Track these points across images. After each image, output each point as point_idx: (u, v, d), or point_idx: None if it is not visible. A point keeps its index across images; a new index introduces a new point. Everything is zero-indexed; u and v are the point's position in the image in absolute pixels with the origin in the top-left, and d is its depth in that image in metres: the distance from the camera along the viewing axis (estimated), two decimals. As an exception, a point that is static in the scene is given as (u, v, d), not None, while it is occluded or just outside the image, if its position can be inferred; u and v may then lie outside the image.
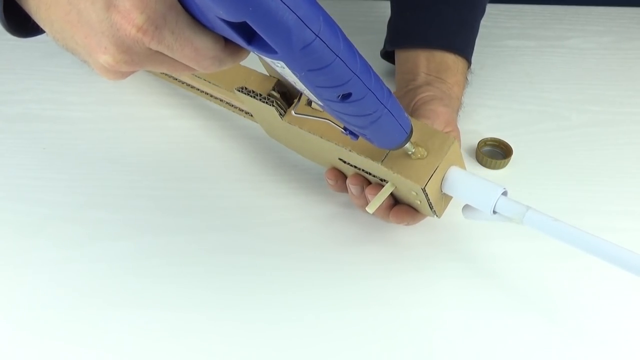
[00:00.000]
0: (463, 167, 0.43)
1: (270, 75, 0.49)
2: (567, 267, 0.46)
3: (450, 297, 0.44)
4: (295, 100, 0.45)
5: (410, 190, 0.41)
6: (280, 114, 0.44)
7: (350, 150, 0.42)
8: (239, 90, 0.46)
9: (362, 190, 0.45)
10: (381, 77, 0.33)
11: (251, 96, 0.45)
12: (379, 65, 0.64)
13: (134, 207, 0.49)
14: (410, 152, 0.40)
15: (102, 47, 0.30)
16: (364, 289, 0.44)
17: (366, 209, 0.42)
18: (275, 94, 0.48)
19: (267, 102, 0.44)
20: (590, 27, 0.76)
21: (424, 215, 0.46)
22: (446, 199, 0.44)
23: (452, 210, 0.46)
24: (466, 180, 0.41)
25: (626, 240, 0.47)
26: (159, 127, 0.57)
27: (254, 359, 0.40)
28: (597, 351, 0.41)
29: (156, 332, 0.41)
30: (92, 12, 0.29)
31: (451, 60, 0.55)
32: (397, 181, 0.41)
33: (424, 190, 0.40)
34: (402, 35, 0.59)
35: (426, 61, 0.55)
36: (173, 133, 0.57)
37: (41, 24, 0.33)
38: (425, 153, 0.40)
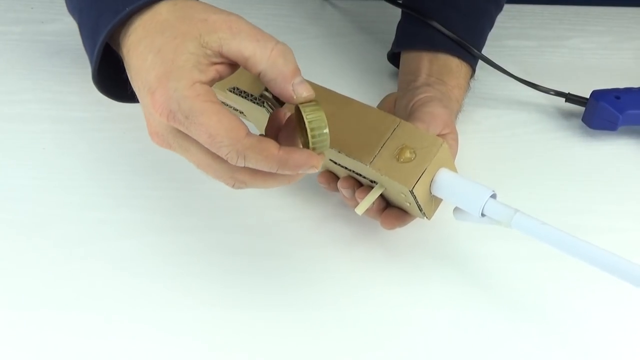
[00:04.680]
0: (454, 169, 0.43)
1: None
2: (559, 268, 0.46)
3: (444, 297, 0.44)
4: None
5: (399, 192, 0.41)
6: None
7: (339, 152, 0.42)
8: (231, 91, 0.45)
9: (354, 192, 0.45)
10: (385, 79, 0.33)
11: (242, 97, 0.45)
12: (384, 66, 0.64)
13: (134, 207, 0.49)
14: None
15: (147, 119, 0.36)
16: (359, 289, 0.44)
17: (355, 210, 0.42)
18: (267, 94, 0.47)
19: (257, 103, 0.44)
20: (590, 27, 0.76)
21: (413, 218, 0.46)
22: (436, 200, 0.44)
23: (447, 210, 0.46)
24: (455, 183, 0.41)
25: (626, 240, 0.47)
26: (159, 127, 0.57)
27: (252, 358, 0.40)
28: (591, 351, 0.41)
29: (156, 332, 0.41)
30: (142, 91, 0.35)
31: (454, 64, 0.56)
32: (385, 183, 0.41)
33: (412, 192, 0.40)
34: (409, 37, 0.59)
35: (429, 63, 0.55)
36: (173, 133, 0.57)
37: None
38: (414, 155, 0.40)
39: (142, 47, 0.35)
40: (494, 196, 0.40)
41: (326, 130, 0.35)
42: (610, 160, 0.56)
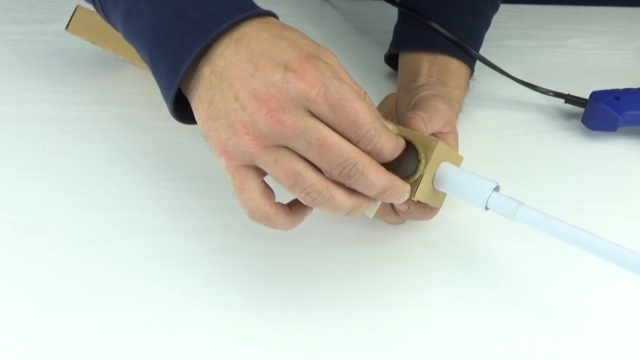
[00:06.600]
0: (457, 160, 0.43)
1: None
2: (563, 268, 0.46)
3: (447, 297, 0.44)
4: None
5: None
6: None
7: None
8: None
9: None
10: (384, 79, 0.33)
11: None
12: (383, 66, 0.64)
13: (134, 207, 0.49)
14: None
15: (264, 98, 0.34)
16: (361, 289, 0.44)
17: (365, 214, 0.42)
18: None
19: None
20: (590, 27, 0.76)
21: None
22: (443, 192, 0.44)
23: (450, 210, 0.46)
24: (456, 178, 0.41)
25: (626, 240, 0.47)
26: (159, 127, 0.57)
27: (252, 359, 0.40)
28: (594, 352, 0.41)
29: (156, 332, 0.41)
30: (270, 68, 0.34)
31: (454, 64, 0.56)
32: None
33: (414, 200, 0.40)
34: (407, 38, 0.59)
35: (429, 64, 0.56)
36: (173, 133, 0.57)
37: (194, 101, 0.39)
38: None
39: (267, 35, 0.36)
40: (497, 188, 0.40)
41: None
42: (610, 161, 0.56)
